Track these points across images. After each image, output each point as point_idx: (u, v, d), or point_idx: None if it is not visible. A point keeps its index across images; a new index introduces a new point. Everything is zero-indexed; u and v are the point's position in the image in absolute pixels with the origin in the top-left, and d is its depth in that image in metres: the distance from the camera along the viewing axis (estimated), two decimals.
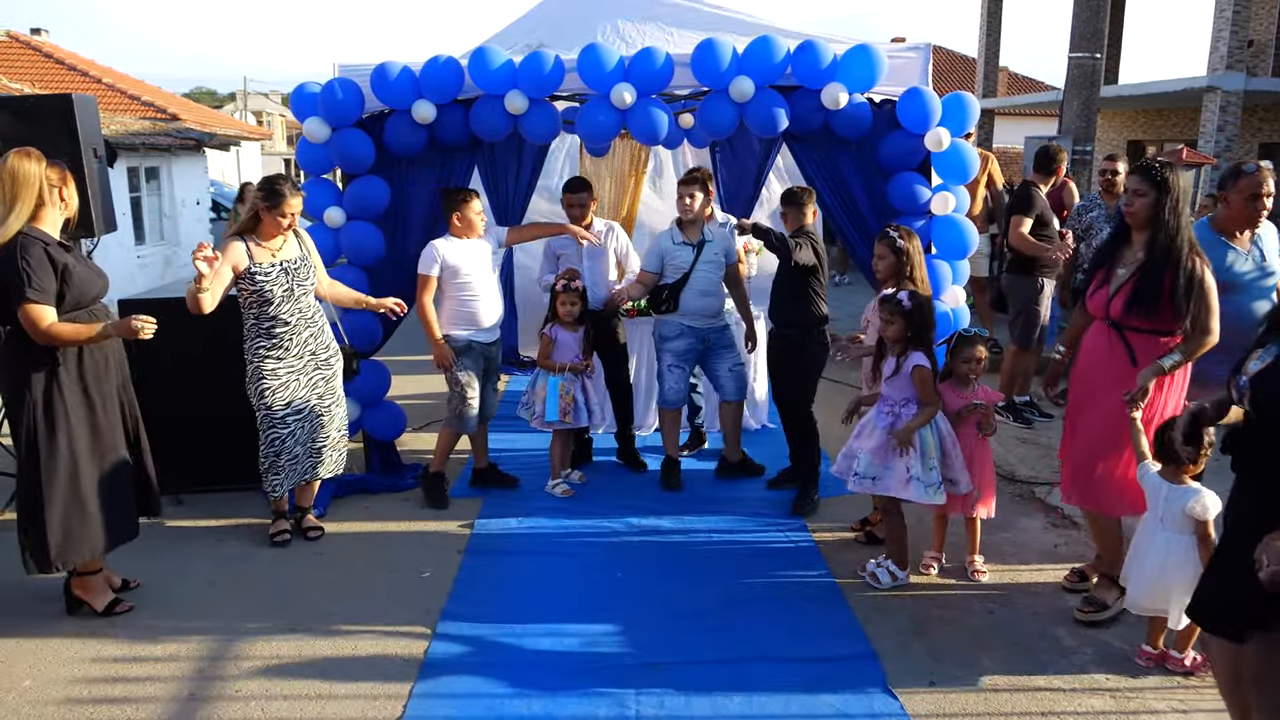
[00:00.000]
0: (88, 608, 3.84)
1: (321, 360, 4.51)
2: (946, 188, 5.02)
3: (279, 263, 4.31)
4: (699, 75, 4.86)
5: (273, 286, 4.26)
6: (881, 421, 4.05)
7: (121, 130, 14.25)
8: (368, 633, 3.74)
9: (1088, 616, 3.81)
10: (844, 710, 3.23)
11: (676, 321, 5.24)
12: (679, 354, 5.27)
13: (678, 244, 5.22)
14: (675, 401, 5.37)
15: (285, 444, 4.42)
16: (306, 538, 4.63)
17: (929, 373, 3.97)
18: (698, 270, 5.16)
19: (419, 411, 6.51)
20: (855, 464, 4.09)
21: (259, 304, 4.28)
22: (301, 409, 4.44)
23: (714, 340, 5.31)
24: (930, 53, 5.14)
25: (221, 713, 3.21)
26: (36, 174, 3.47)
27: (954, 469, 4.03)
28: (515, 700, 3.28)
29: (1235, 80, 15.37)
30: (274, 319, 4.30)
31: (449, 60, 4.91)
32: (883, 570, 4.11)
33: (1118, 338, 3.73)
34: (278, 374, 4.35)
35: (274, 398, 4.34)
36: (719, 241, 5.26)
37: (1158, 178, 3.62)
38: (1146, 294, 3.60)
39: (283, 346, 4.34)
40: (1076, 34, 9.84)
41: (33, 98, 5.04)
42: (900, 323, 4.00)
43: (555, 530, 4.78)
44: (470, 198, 4.93)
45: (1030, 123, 22.82)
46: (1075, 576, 4.14)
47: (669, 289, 5.20)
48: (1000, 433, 4.36)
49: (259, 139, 27.42)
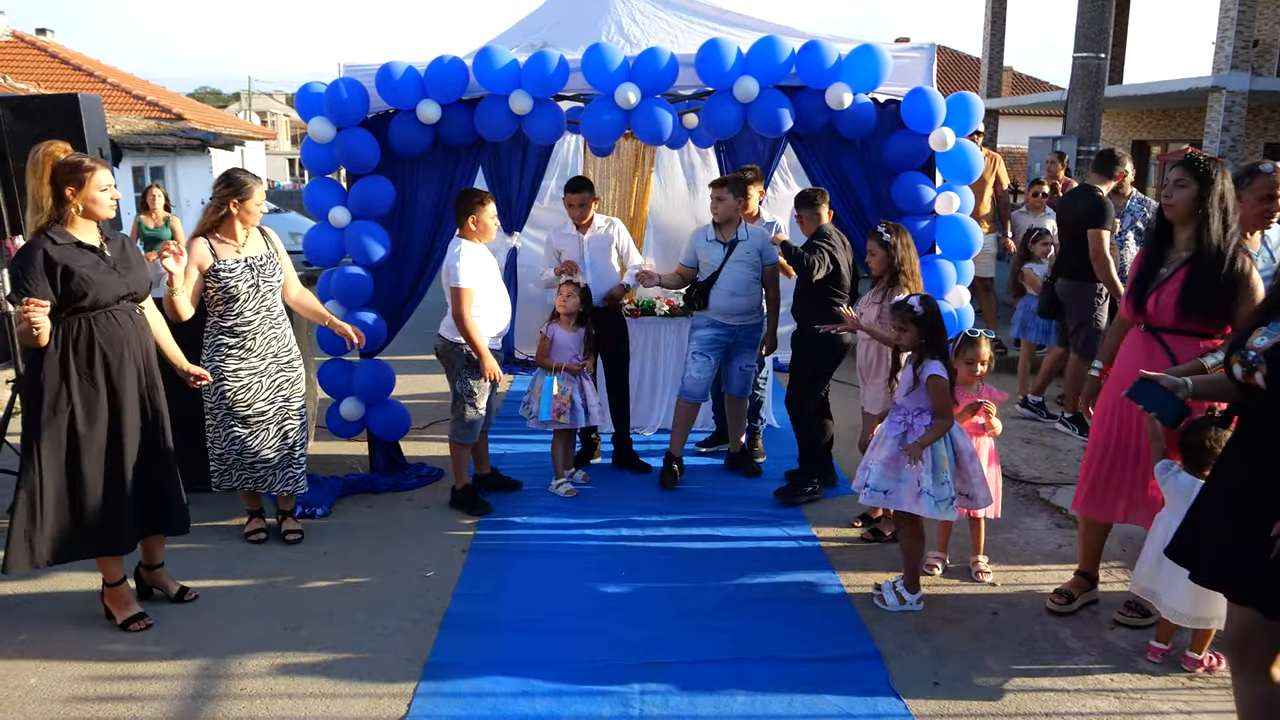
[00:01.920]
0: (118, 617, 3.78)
1: (284, 363, 4.41)
2: (951, 187, 5.02)
3: (243, 259, 4.23)
4: (703, 75, 4.86)
5: (237, 282, 4.18)
6: (893, 431, 3.94)
7: (127, 130, 14.30)
8: (372, 632, 3.75)
9: (1058, 607, 3.86)
10: (848, 710, 3.22)
11: (707, 317, 5.27)
12: (704, 342, 5.26)
13: (710, 241, 5.25)
14: (694, 393, 5.30)
15: (249, 444, 4.33)
16: (285, 540, 4.58)
17: (945, 383, 3.82)
18: (728, 269, 5.16)
19: (423, 411, 6.51)
20: (867, 476, 3.98)
21: (224, 301, 4.20)
22: (266, 412, 4.34)
23: (743, 338, 5.31)
24: (935, 52, 5.14)
25: (226, 711, 3.22)
26: (41, 177, 3.42)
27: (972, 483, 3.91)
28: (519, 699, 3.28)
29: (1240, 80, 15.34)
30: (238, 317, 4.22)
31: (454, 60, 4.92)
32: (892, 593, 3.96)
33: (1156, 343, 3.56)
34: (239, 375, 4.26)
35: (234, 399, 4.26)
36: (753, 240, 5.24)
37: (1200, 170, 3.43)
38: (1200, 293, 3.40)
39: (245, 346, 4.25)
40: (1081, 34, 9.83)
41: (39, 97, 5.06)
42: (914, 330, 3.88)
43: (558, 530, 4.79)
44: (487, 200, 4.82)
45: (1034, 123, 22.82)
46: (1063, 599, 3.94)
47: (698, 287, 5.23)
48: (1004, 433, 4.35)
49: (263, 139, 27.48)
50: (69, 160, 3.45)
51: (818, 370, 4.99)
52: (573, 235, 5.52)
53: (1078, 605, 3.90)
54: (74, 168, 3.45)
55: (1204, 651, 3.43)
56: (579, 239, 5.50)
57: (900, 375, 4.03)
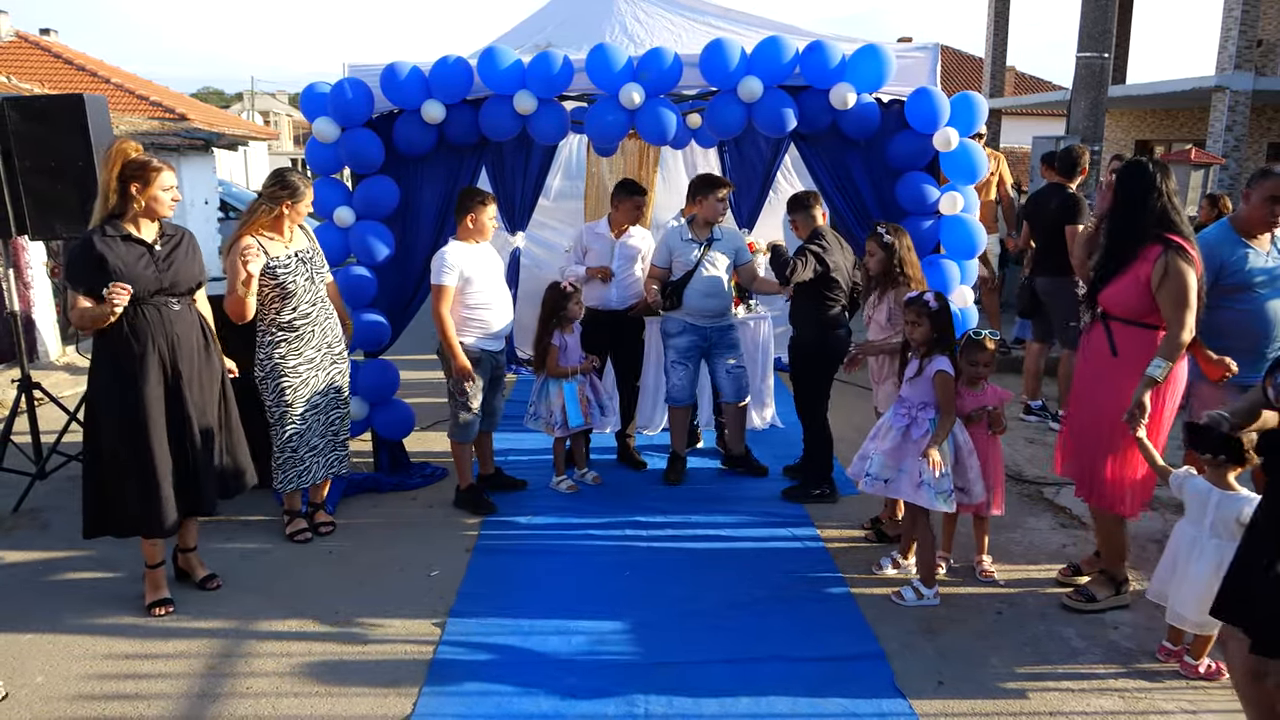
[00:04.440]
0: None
1: (336, 354, 4.55)
2: (955, 187, 5.02)
3: (294, 253, 4.32)
4: (707, 75, 4.86)
5: (294, 278, 4.27)
6: (897, 423, 4.00)
7: (130, 130, 14.30)
8: (377, 631, 3.76)
9: (1075, 604, 3.87)
10: (852, 710, 3.23)
11: (679, 319, 5.26)
12: (681, 351, 5.29)
13: (685, 240, 5.24)
14: (680, 399, 5.37)
15: (304, 438, 4.46)
16: (319, 533, 4.66)
17: (951, 379, 3.91)
18: (703, 268, 5.17)
19: (426, 410, 6.52)
20: (868, 465, 4.04)
21: (280, 298, 4.27)
22: (317, 404, 4.48)
23: (716, 339, 5.31)
24: (938, 52, 5.13)
25: (232, 709, 3.23)
26: (111, 171, 3.59)
27: (968, 479, 3.97)
28: (524, 699, 3.29)
29: (1244, 80, 15.32)
30: (295, 311, 4.31)
31: (458, 60, 4.92)
32: (909, 589, 3.99)
33: (1101, 328, 3.78)
34: (298, 371, 4.37)
35: (294, 395, 4.36)
36: (728, 241, 5.26)
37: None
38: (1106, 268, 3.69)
39: (303, 340, 4.36)
40: (1084, 33, 9.81)
41: (45, 98, 5.05)
42: (927, 324, 3.96)
43: (563, 529, 4.79)
44: (487, 201, 4.83)
45: (1038, 122, 22.78)
46: (1070, 570, 4.16)
47: (673, 285, 5.22)
48: (1008, 432, 4.35)
49: (266, 139, 27.46)
50: (139, 159, 3.61)
51: (821, 372, 4.99)
52: (605, 237, 5.49)
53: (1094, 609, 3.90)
54: (142, 166, 3.61)
55: (1203, 658, 3.42)
56: (611, 242, 5.48)
57: (906, 366, 4.08)
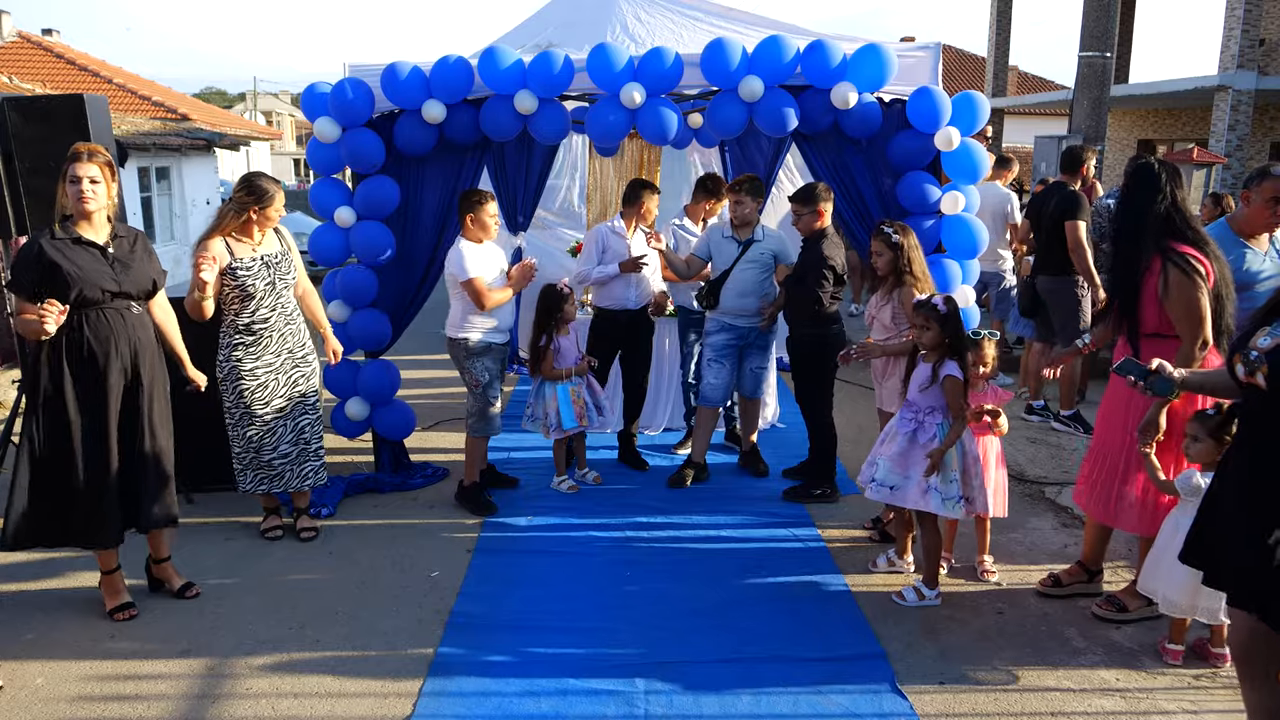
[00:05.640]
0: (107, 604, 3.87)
1: (299, 358, 4.47)
2: (956, 187, 5.01)
3: (259, 256, 4.28)
4: (708, 75, 4.85)
5: (255, 281, 4.23)
6: (904, 428, 3.95)
7: (132, 130, 14.34)
8: (377, 631, 3.75)
9: (1105, 614, 3.81)
10: (853, 710, 3.22)
11: (717, 318, 5.28)
12: (717, 349, 5.28)
13: (725, 238, 5.27)
14: (713, 399, 5.32)
15: (265, 441, 4.39)
16: (299, 538, 4.61)
17: (960, 383, 3.85)
18: (739, 269, 5.17)
19: (427, 410, 6.52)
20: (874, 470, 3.99)
21: (240, 299, 4.24)
22: (283, 408, 4.42)
23: (753, 340, 5.32)
24: (940, 52, 5.12)
25: (232, 710, 3.23)
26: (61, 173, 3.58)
27: (973, 487, 3.92)
28: (524, 699, 3.28)
29: (1246, 79, 15.30)
30: (254, 315, 4.27)
31: (459, 60, 4.92)
32: (911, 589, 3.98)
33: (1128, 346, 3.67)
34: (255, 374, 4.32)
35: (252, 397, 4.32)
36: (769, 243, 5.27)
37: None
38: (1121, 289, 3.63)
39: (261, 344, 4.31)
40: (1086, 33, 9.80)
41: (46, 98, 5.04)
42: (936, 329, 3.88)
43: (564, 529, 4.79)
44: (486, 200, 4.86)
45: (1040, 122, 22.75)
46: (1050, 581, 4.05)
47: (709, 285, 5.25)
48: (1010, 432, 4.34)
49: (268, 139, 27.50)
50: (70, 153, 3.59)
51: (821, 366, 4.98)
52: (621, 237, 5.46)
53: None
54: (68, 160, 3.58)
55: (1181, 642, 3.45)
56: (627, 242, 5.45)
57: (915, 372, 4.02)
